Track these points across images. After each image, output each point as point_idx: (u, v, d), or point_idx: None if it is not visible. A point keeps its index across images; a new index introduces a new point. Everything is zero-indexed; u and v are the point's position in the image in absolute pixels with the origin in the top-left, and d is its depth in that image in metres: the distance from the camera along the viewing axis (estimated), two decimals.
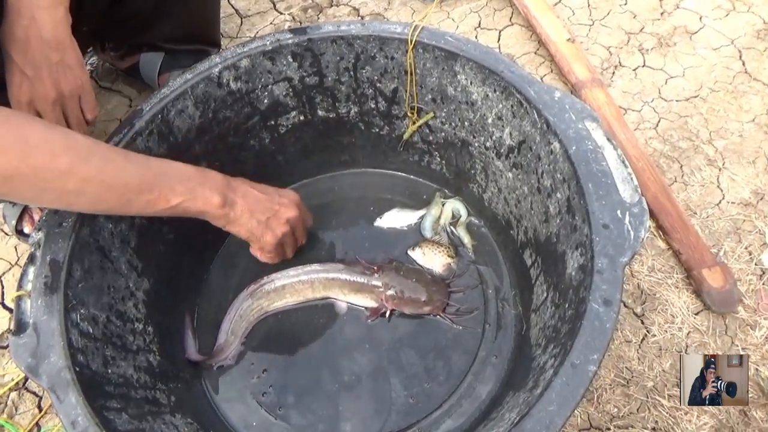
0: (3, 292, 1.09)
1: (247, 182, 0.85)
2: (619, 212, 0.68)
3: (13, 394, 0.98)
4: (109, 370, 0.72)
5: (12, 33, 0.74)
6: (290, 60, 0.91)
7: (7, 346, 1.03)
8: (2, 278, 1.11)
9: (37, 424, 0.95)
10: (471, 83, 0.87)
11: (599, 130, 0.75)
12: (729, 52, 1.36)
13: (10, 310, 1.07)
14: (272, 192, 0.88)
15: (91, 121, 0.87)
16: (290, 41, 0.88)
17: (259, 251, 0.91)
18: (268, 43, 0.88)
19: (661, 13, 1.44)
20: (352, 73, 0.94)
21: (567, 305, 0.70)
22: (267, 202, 0.85)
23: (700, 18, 1.42)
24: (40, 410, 0.96)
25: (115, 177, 0.66)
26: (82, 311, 0.71)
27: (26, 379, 0.99)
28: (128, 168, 0.68)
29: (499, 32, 1.43)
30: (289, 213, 0.88)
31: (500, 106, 0.85)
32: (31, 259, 0.71)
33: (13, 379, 0.99)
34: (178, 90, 0.85)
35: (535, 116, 0.79)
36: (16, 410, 0.96)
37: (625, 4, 1.47)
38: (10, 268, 1.12)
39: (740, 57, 1.35)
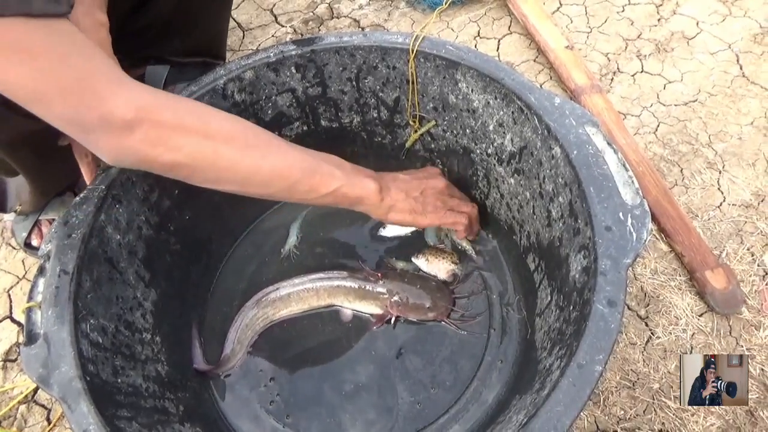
0: (11, 306, 1.10)
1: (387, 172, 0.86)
2: (621, 214, 0.68)
3: (23, 407, 0.98)
4: (119, 380, 0.72)
5: None
6: (294, 71, 0.92)
7: (16, 359, 1.03)
8: (10, 292, 1.11)
9: None
10: (472, 91, 0.88)
11: (599, 135, 0.76)
12: (726, 56, 1.37)
13: (18, 324, 1.08)
14: (414, 171, 0.91)
15: None
16: (294, 53, 0.90)
17: (452, 227, 0.93)
18: (272, 54, 0.90)
19: (659, 20, 1.46)
20: (354, 83, 0.95)
21: (571, 307, 0.71)
22: (414, 180, 0.87)
23: (697, 23, 1.44)
24: (49, 423, 0.97)
25: (283, 162, 0.68)
26: (91, 321, 0.72)
27: (35, 391, 1.00)
28: (291, 153, 0.70)
29: (498, 41, 1.45)
30: (439, 183, 0.89)
31: (501, 113, 0.86)
32: (41, 270, 0.72)
33: (22, 392, 0.99)
34: None
35: (536, 122, 0.80)
36: (25, 423, 0.97)
37: (623, 11, 1.49)
38: (17, 282, 1.12)
39: (738, 61, 1.36)
